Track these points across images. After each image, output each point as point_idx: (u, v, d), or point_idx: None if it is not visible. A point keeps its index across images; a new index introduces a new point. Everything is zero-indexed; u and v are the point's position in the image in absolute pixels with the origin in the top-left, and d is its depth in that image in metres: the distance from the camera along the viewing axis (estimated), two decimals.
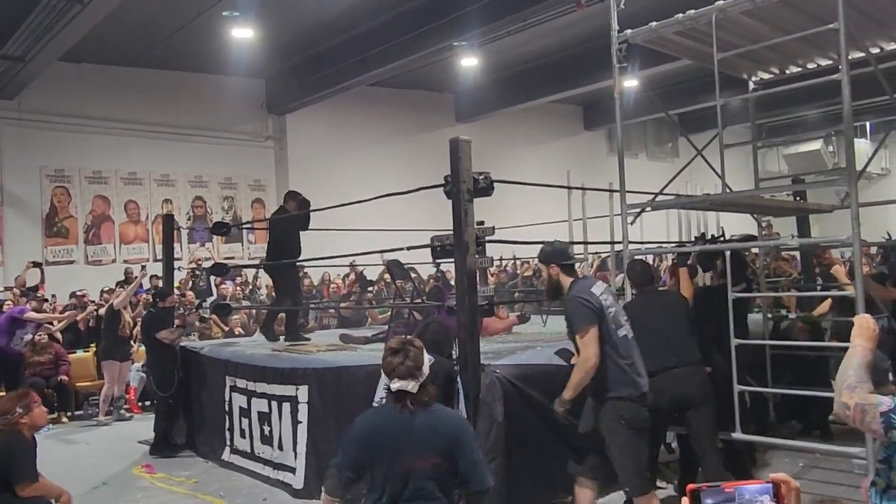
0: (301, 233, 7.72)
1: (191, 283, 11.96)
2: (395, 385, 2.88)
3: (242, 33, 11.51)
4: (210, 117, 14.30)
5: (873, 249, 11.25)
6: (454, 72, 14.60)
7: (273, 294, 9.26)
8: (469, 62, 13.64)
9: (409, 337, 3.21)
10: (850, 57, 4.56)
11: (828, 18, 4.48)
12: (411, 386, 2.87)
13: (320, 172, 14.76)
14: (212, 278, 11.71)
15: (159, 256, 10.84)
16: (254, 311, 11.18)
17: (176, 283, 9.43)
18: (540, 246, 4.26)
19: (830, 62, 5.93)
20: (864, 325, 2.18)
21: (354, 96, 14.58)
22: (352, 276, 12.03)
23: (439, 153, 5.08)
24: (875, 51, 5.65)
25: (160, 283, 9.14)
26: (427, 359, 3.00)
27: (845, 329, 4.67)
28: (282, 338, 7.68)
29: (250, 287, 12.67)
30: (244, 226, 14.32)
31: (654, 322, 4.56)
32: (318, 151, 15.11)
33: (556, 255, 4.12)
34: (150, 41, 12.02)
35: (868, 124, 19.29)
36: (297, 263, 8.11)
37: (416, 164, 14.70)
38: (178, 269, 9.27)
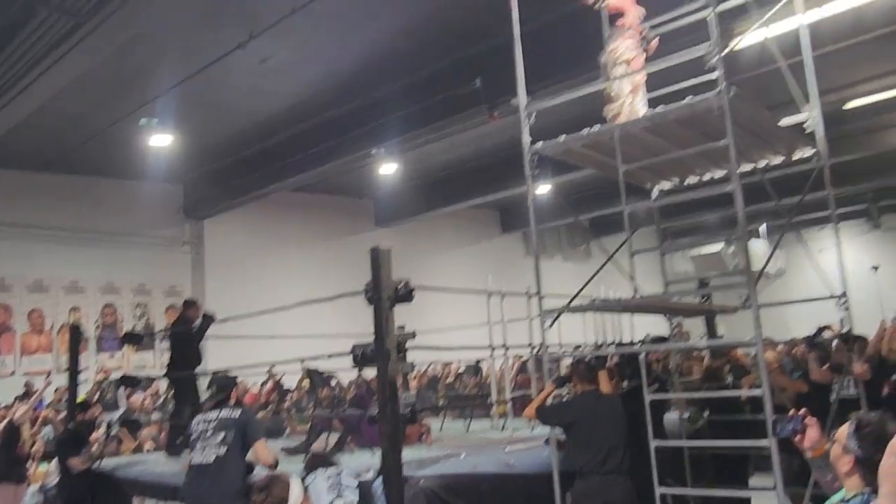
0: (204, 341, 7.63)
1: (98, 395, 11.36)
2: None
3: (161, 140, 11.51)
4: (124, 222, 14.02)
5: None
6: (374, 178, 14.92)
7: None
8: (388, 169, 13.98)
9: (276, 473, 3.35)
10: (740, 170, 4.96)
11: (719, 136, 4.88)
12: None
13: (239, 278, 14.57)
14: (121, 390, 11.17)
15: (65, 367, 10.32)
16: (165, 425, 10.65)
17: (81, 396, 8.95)
18: (460, 349, 4.32)
19: (724, 173, 6.40)
20: None
21: (274, 201, 14.66)
22: (269, 384, 11.70)
23: (360, 257, 5.16)
24: (763, 164, 6.15)
25: (65, 396, 8.66)
26: (297, 491, 3.10)
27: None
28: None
29: (162, 398, 12.11)
30: (157, 334, 13.82)
31: (593, 424, 4.68)
32: (237, 256, 14.95)
33: None
34: (64, 147, 11.85)
35: (764, 226, 20.63)
36: (203, 373, 7.94)
37: (337, 268, 14.71)
38: (84, 381, 8.84)
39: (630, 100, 5.65)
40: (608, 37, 5.66)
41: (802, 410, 2.99)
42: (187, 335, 7.68)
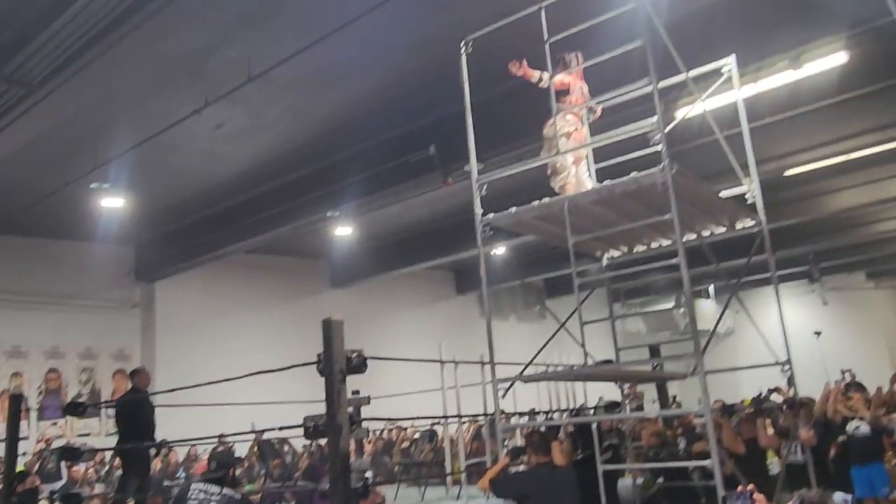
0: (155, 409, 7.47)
1: (38, 465, 10.88)
2: None
3: (112, 202, 11.36)
4: (72, 284, 13.68)
5: None
6: (329, 239, 14.91)
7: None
8: (344, 231, 14.00)
9: None
10: (686, 238, 5.13)
11: (664, 208, 5.04)
12: None
13: (190, 341, 14.27)
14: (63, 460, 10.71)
15: (2, 436, 9.89)
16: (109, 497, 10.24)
17: (20, 467, 8.58)
18: (414, 416, 4.31)
19: (670, 242, 6.60)
20: None
21: (228, 263, 14.51)
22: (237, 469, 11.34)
23: (316, 319, 5.12)
24: (706, 233, 6.36)
25: (2, 467, 8.26)
26: None
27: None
28: None
29: (107, 468, 11.66)
30: (102, 405, 13.36)
31: (548, 497, 4.65)
32: (189, 319, 14.67)
33: None
34: (10, 208, 11.61)
35: (711, 287, 21.13)
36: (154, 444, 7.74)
37: (292, 329, 14.54)
38: (23, 453, 8.49)
39: (574, 171, 5.84)
40: (554, 112, 5.86)
41: (750, 486, 3.07)
42: (139, 405, 7.47)
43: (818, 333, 13.06)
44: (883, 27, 6.91)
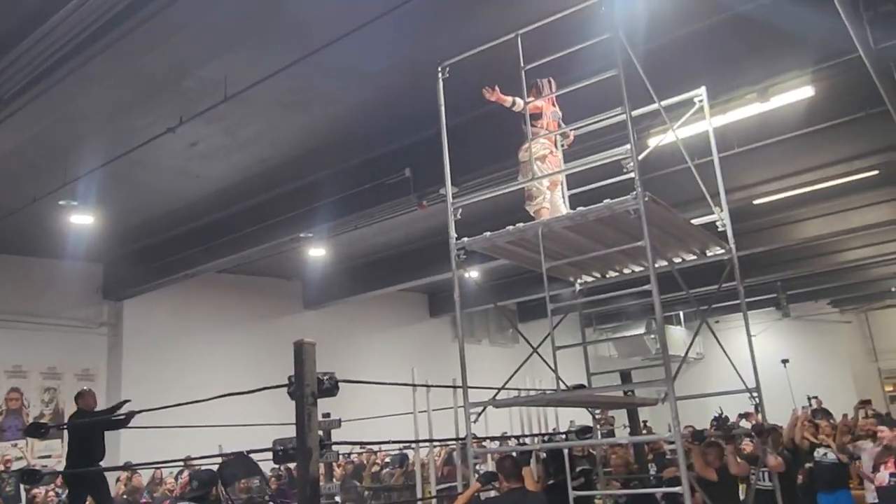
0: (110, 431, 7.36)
1: None
2: None
3: (81, 219, 11.21)
4: (37, 302, 13.40)
5: None
6: (302, 260, 14.83)
7: None
8: (317, 252, 13.94)
9: None
10: (657, 265, 5.19)
11: (637, 235, 5.11)
12: None
13: (158, 361, 14.06)
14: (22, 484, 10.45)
15: None
16: None
17: None
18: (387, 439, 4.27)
19: (642, 268, 6.68)
20: None
21: (199, 282, 14.36)
22: (185, 476, 11.15)
23: (288, 340, 5.08)
24: (677, 260, 6.44)
25: None
26: None
27: None
28: None
29: (68, 491, 11.35)
30: (64, 426, 13.05)
31: None
32: (157, 339, 14.44)
33: None
34: None
35: (681, 313, 21.39)
36: (104, 466, 7.63)
37: (263, 350, 14.41)
38: None
39: (549, 195, 5.90)
40: (529, 137, 5.93)
41: None
42: (86, 427, 7.36)
43: (785, 362, 13.24)
44: (848, 62, 7.12)
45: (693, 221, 6.17)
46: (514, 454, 5.45)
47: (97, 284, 14.40)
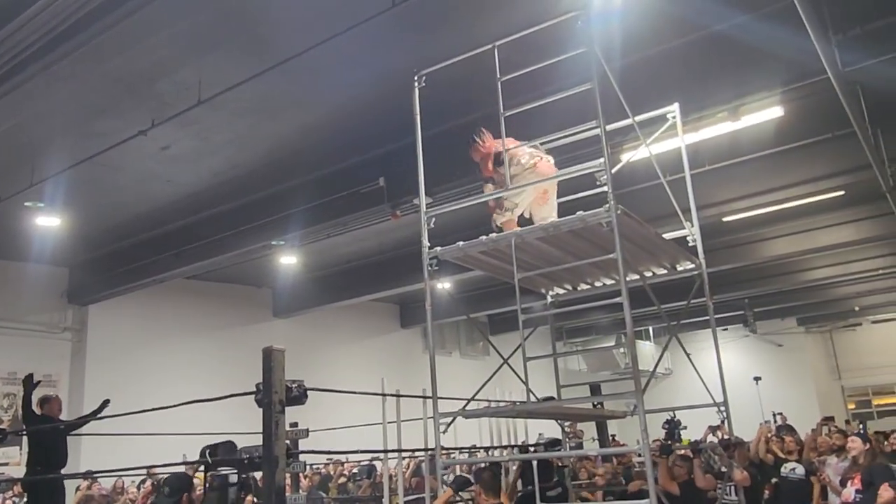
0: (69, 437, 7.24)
1: None
2: None
3: (47, 221, 11.00)
4: None
5: None
6: (273, 268, 14.70)
7: None
8: (288, 260, 13.83)
9: None
10: (628, 279, 5.21)
11: (609, 248, 5.13)
12: None
13: (123, 367, 13.80)
14: None
15: None
16: None
17: None
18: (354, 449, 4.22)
19: (613, 281, 6.71)
20: None
21: (167, 288, 14.15)
22: (148, 485, 10.93)
23: (256, 348, 5.00)
24: (648, 274, 6.49)
25: None
26: None
27: None
28: None
29: (24, 499, 11.07)
30: (22, 432, 12.75)
31: None
32: (123, 345, 14.19)
33: None
34: None
35: (650, 328, 21.56)
36: (64, 474, 7.49)
37: (231, 358, 14.23)
38: None
39: (519, 210, 5.86)
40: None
41: None
42: (49, 434, 7.21)
43: (758, 379, 13.40)
44: (816, 84, 7.27)
45: (664, 236, 6.22)
46: (492, 467, 5.37)
47: (62, 289, 14.13)
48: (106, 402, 7.90)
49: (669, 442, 8.18)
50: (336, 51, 6.82)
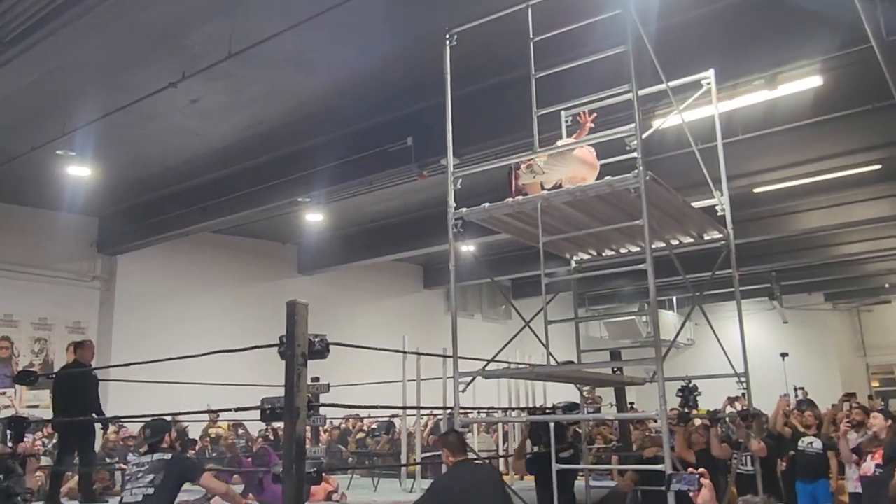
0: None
1: None
2: None
3: (78, 171, 11.14)
4: (30, 252, 13.36)
5: None
6: (299, 224, 14.79)
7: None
8: (314, 217, 13.89)
9: None
10: (654, 246, 5.17)
11: (636, 214, 5.08)
12: None
13: (150, 317, 14.07)
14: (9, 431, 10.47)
15: None
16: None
17: None
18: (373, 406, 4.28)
19: (639, 248, 6.66)
20: None
21: (194, 241, 14.33)
22: (173, 433, 11.19)
23: (280, 304, 5.08)
24: (675, 243, 6.43)
25: None
26: None
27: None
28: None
29: (54, 440, 11.41)
30: (52, 375, 13.08)
31: (478, 493, 4.64)
32: (150, 295, 14.44)
33: None
34: None
35: (674, 298, 21.42)
36: (96, 418, 7.69)
37: (254, 312, 14.42)
38: None
39: (546, 174, 5.81)
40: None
41: (700, 470, 3.18)
42: (80, 378, 7.40)
43: (784, 355, 13.28)
44: (858, 53, 7.06)
45: (692, 205, 6.14)
46: (457, 430, 5.45)
47: (92, 238, 14.36)
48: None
49: (686, 410, 8.17)
50: (369, 7, 6.75)
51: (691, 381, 7.90)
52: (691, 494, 3.11)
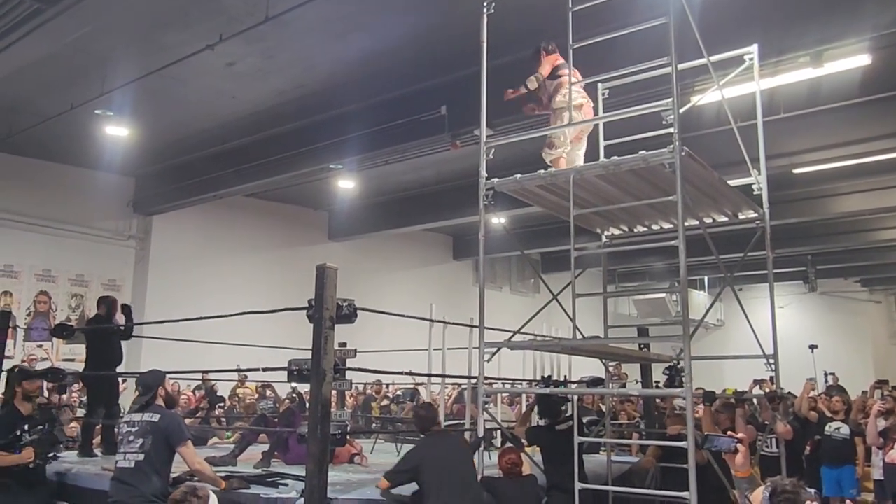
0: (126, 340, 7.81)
1: None
2: None
3: (116, 131, 11.28)
4: (68, 210, 13.64)
5: None
6: (330, 191, 14.87)
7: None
8: (346, 184, 13.95)
9: (195, 486, 3.35)
10: (687, 224, 5.09)
11: (670, 189, 5.01)
12: None
13: (183, 277, 14.31)
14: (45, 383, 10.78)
15: None
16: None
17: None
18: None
19: (671, 226, 6.57)
20: None
21: (227, 204, 14.52)
22: (202, 391, 11.45)
23: (309, 269, 5.13)
24: (708, 221, 6.33)
25: None
26: None
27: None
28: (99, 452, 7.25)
29: (88, 393, 11.72)
30: (86, 330, 13.40)
31: (447, 463, 4.79)
32: (183, 256, 14.68)
33: None
34: (12, 126, 11.50)
35: (706, 279, 21.20)
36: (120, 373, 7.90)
37: (284, 277, 14.59)
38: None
39: (570, 148, 5.79)
40: (552, 89, 5.85)
41: (739, 434, 3.20)
42: (107, 333, 7.59)
43: (813, 347, 13.09)
44: None
45: (729, 182, 6.03)
46: (428, 405, 5.71)
47: (128, 198, 14.60)
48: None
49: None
50: None
51: (679, 361, 7.81)
52: (725, 457, 3.15)
